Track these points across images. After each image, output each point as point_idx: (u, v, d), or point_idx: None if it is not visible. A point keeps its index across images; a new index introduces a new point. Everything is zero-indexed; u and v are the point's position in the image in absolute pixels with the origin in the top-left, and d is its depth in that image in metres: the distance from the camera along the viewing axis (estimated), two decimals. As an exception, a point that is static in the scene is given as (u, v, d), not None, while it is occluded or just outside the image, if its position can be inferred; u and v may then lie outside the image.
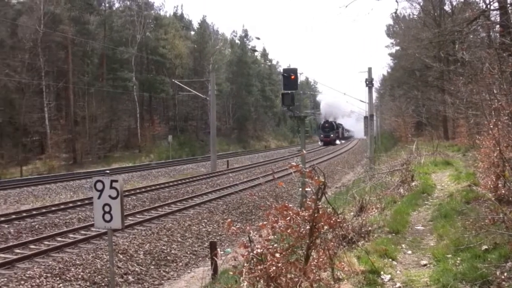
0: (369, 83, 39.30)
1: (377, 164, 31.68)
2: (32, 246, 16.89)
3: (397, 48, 73.16)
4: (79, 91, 68.13)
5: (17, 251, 16.35)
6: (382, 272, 8.50)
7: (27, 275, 13.24)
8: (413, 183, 19.02)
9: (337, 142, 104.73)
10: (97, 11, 73.51)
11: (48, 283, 12.91)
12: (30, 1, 62.55)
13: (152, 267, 15.03)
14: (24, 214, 23.16)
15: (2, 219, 21.96)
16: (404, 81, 66.60)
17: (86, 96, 68.21)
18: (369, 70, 39.25)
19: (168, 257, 15.99)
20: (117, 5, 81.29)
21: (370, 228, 11.41)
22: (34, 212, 23.69)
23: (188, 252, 16.80)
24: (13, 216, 22.60)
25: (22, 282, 12.73)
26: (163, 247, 16.79)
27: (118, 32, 75.32)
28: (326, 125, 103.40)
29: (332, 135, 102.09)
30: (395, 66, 78.28)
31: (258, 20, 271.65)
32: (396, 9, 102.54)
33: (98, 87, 68.16)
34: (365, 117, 46.75)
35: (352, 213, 13.47)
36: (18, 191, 32.39)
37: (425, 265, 9.23)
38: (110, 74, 72.34)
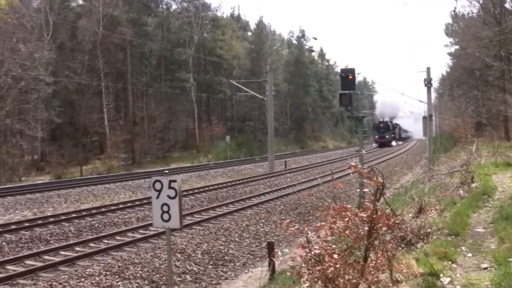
0: (428, 83, 38.73)
1: (436, 165, 31.23)
2: (92, 245, 17.16)
3: (456, 47, 72.00)
4: (137, 92, 68.99)
5: (77, 249, 16.62)
6: (441, 275, 8.37)
7: (87, 273, 13.45)
8: (473, 185, 18.68)
9: (393, 143, 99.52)
10: (155, 13, 74.29)
11: (107, 280, 13.09)
12: (89, 4, 63.56)
13: (210, 266, 15.08)
14: (84, 213, 23.56)
15: (63, 217, 22.38)
16: (463, 80, 65.52)
17: (144, 97, 69.01)
18: (428, 69, 38.70)
19: (226, 257, 16.04)
20: (174, 6, 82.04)
21: (429, 230, 11.24)
22: (94, 211, 24.07)
23: (246, 252, 16.81)
24: (74, 215, 23.01)
25: (82, 280, 12.93)
26: (221, 247, 16.85)
27: (176, 34, 76.00)
28: (381, 125, 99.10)
29: (387, 136, 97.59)
30: (454, 65, 76.93)
31: (315, 20, 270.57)
32: (455, 8, 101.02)
33: (156, 88, 68.88)
34: (424, 117, 46.13)
35: (410, 215, 13.30)
36: (78, 190, 32.96)
37: (485, 268, 9.04)
38: (168, 75, 73.01)
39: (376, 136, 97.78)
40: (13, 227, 20.16)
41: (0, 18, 45.86)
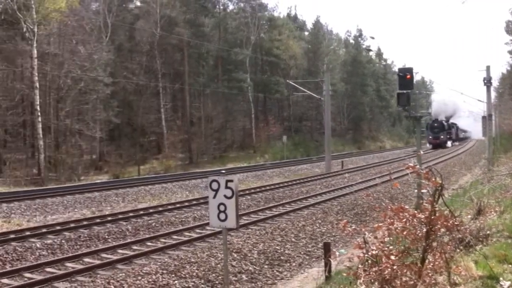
0: (488, 82, 37.98)
1: (496, 165, 30.71)
2: (149, 243, 17.33)
3: (517, 45, 70.51)
4: (194, 92, 69.53)
5: (135, 247, 16.81)
6: (501, 278, 8.17)
7: (144, 271, 13.59)
8: (535, 186, 18.28)
9: (449, 144, 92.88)
10: (212, 14, 74.71)
11: (163, 279, 13.19)
12: (147, 6, 64.37)
13: (266, 266, 15.07)
14: (141, 212, 23.84)
15: (121, 216, 22.69)
16: (524, 79, 64.18)
17: (201, 97, 69.52)
18: (488, 68, 37.92)
19: (282, 257, 16.01)
20: (231, 7, 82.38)
21: (488, 232, 11.00)
22: (151, 210, 24.32)
23: (302, 253, 16.75)
24: (131, 214, 23.29)
25: (139, 278, 13.06)
26: (277, 247, 16.83)
27: (233, 34, 76.31)
28: (435, 124, 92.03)
29: (442, 136, 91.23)
30: (515, 64, 75.43)
31: (372, 19, 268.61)
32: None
33: (214, 88, 69.30)
34: (483, 117, 45.38)
35: (469, 216, 13.06)
36: (135, 189, 33.35)
37: (548, 272, 8.83)
38: (225, 75, 73.33)
39: (430, 137, 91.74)
40: (72, 225, 20.51)
41: (60, 20, 46.76)
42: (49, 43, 48.24)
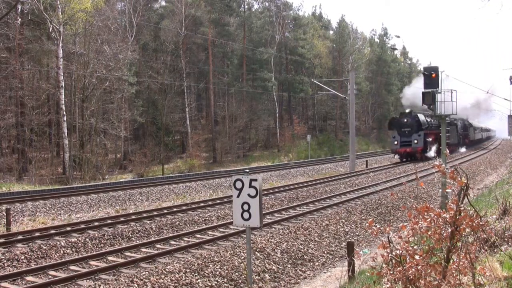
0: (514, 80, 37.62)
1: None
2: (172, 242, 17.37)
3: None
4: (219, 91, 69.81)
5: (158, 246, 16.88)
6: (527, 279, 8.09)
7: (167, 270, 13.60)
8: None
9: (431, 153, 53.33)
10: (237, 13, 74.83)
11: (187, 278, 13.20)
12: (172, 5, 64.63)
13: (289, 266, 15.04)
14: (165, 211, 23.91)
15: (144, 215, 22.78)
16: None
17: (226, 96, 69.80)
18: (515, 66, 37.26)
19: (305, 256, 15.96)
20: (256, 6, 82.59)
21: (514, 232, 10.90)
22: (175, 209, 24.37)
23: (325, 252, 16.70)
24: (155, 213, 23.37)
25: (163, 276, 13.08)
26: (300, 246, 16.78)
27: (257, 33, 76.36)
28: (405, 120, 54.10)
29: (416, 141, 52.77)
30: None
31: (397, 17, 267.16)
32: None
33: (238, 88, 69.44)
34: (509, 116, 44.96)
35: (494, 216, 12.92)
36: (159, 188, 33.44)
37: None
38: (250, 75, 73.48)
39: (396, 142, 54.29)
40: (96, 224, 20.64)
41: (86, 20, 47.09)
42: (75, 43, 48.55)
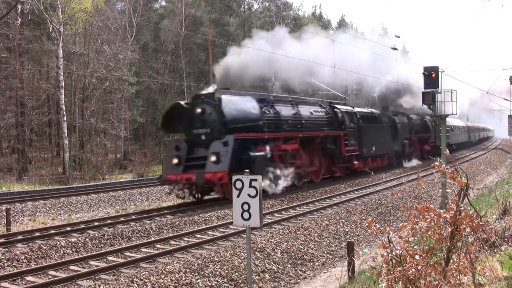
0: (514, 80, 37.65)
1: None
2: (172, 242, 17.36)
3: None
4: (219, 91, 69.67)
5: (158, 246, 16.87)
6: (527, 279, 8.10)
7: (167, 270, 13.59)
8: None
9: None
10: (237, 13, 74.80)
11: (187, 278, 13.19)
12: (172, 5, 64.66)
13: (289, 266, 15.03)
14: (165, 211, 23.90)
15: (145, 215, 22.78)
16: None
17: (226, 96, 69.61)
18: (515, 67, 37.29)
19: (305, 256, 15.95)
20: (256, 6, 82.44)
21: (514, 232, 10.91)
22: (175, 210, 24.39)
23: (325, 252, 16.69)
24: (155, 213, 23.37)
25: (162, 276, 13.07)
26: (300, 246, 16.76)
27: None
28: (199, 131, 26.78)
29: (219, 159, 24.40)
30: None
31: (397, 17, 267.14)
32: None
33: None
34: (509, 116, 44.99)
35: (494, 216, 12.94)
36: (159, 188, 33.36)
37: None
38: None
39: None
40: (96, 224, 20.64)
41: (86, 20, 47.13)
42: (75, 43, 48.64)
